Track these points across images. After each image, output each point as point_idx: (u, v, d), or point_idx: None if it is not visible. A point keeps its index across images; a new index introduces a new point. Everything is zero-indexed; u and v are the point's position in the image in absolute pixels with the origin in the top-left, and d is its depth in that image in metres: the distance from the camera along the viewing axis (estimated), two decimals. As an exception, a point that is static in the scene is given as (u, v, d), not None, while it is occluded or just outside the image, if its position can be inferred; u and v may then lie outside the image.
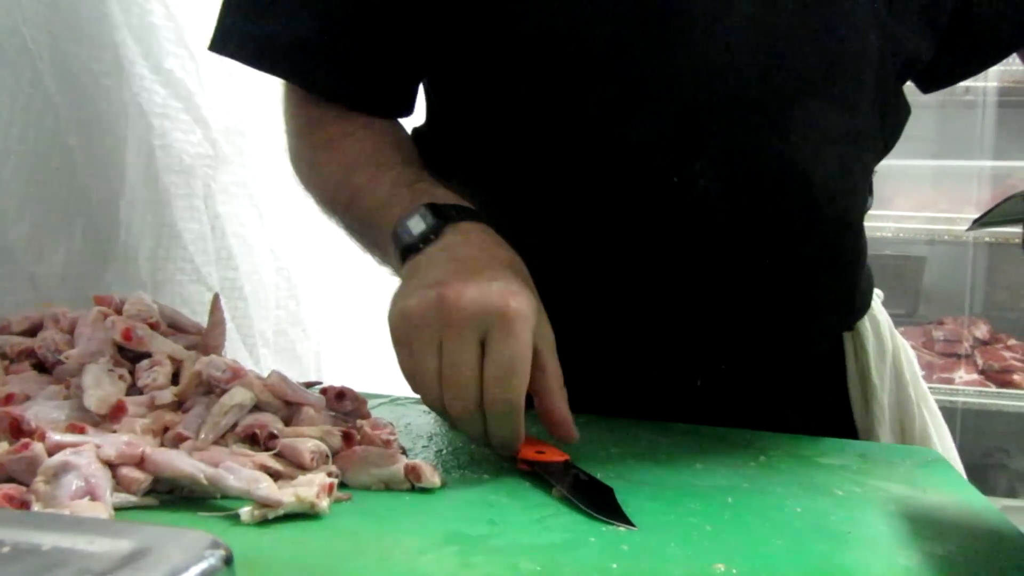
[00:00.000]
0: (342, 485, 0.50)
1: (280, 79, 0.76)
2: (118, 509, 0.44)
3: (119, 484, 0.45)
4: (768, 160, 0.69)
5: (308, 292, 1.13)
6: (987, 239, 2.51)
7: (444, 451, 0.60)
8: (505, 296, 0.52)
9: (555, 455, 0.55)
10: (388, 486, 0.51)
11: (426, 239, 0.59)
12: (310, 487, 0.45)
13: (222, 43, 0.74)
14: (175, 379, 0.56)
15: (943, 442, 0.85)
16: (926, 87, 0.83)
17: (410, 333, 0.54)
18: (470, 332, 0.52)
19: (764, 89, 0.67)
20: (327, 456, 0.51)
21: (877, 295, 0.85)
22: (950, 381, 2.41)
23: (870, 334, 0.81)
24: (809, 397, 0.79)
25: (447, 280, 0.53)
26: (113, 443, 0.46)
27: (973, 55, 0.79)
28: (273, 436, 0.51)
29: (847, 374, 0.81)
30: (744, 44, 0.66)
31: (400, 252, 0.61)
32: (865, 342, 0.80)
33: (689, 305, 0.72)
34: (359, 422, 0.57)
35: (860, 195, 0.77)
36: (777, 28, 0.67)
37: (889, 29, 0.71)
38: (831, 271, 0.77)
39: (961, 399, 2.39)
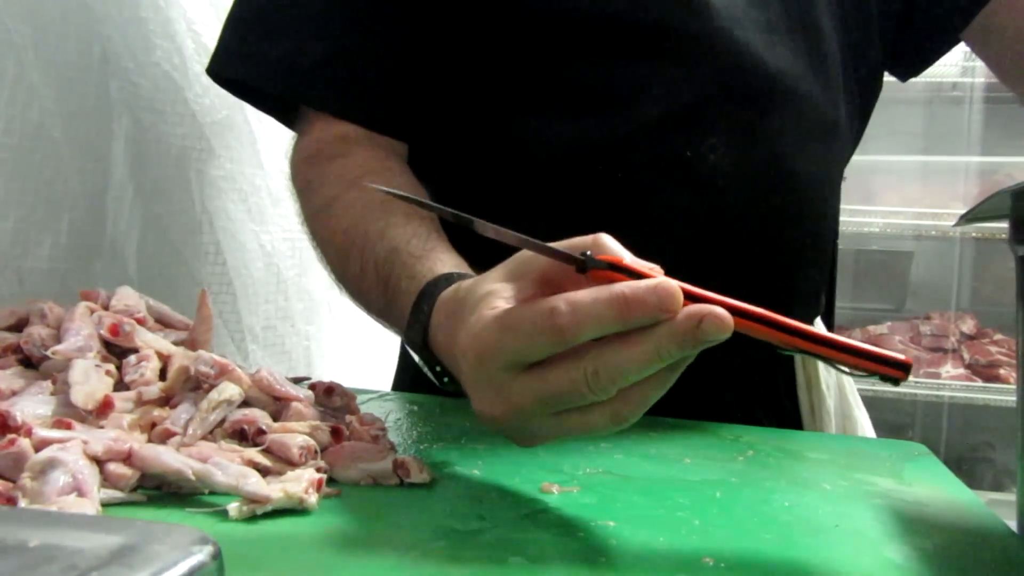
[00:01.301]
0: (331, 481, 0.50)
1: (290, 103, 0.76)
2: (105, 505, 0.44)
3: (106, 480, 0.45)
4: (764, 144, 0.71)
5: (297, 287, 1.12)
6: (974, 234, 2.52)
7: (433, 447, 0.60)
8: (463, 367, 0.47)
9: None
10: (377, 482, 0.51)
11: (433, 370, 0.56)
12: (298, 483, 0.45)
13: (227, 65, 0.74)
14: (163, 375, 0.56)
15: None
16: (903, 76, 0.88)
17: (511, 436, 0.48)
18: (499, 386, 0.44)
19: (763, 73, 0.71)
20: (316, 452, 0.51)
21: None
22: (937, 376, 2.42)
23: None
24: (765, 404, 0.81)
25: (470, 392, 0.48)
26: (100, 439, 0.46)
27: (931, 36, 0.85)
28: (261, 432, 0.51)
29: (796, 383, 0.83)
30: (749, 28, 0.71)
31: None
32: None
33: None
34: (348, 418, 0.57)
35: (836, 187, 0.81)
36: (771, 19, 0.72)
37: (848, 34, 0.78)
38: (813, 258, 0.80)
39: (948, 393, 2.40)
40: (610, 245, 0.44)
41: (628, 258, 0.43)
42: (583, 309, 0.40)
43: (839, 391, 0.85)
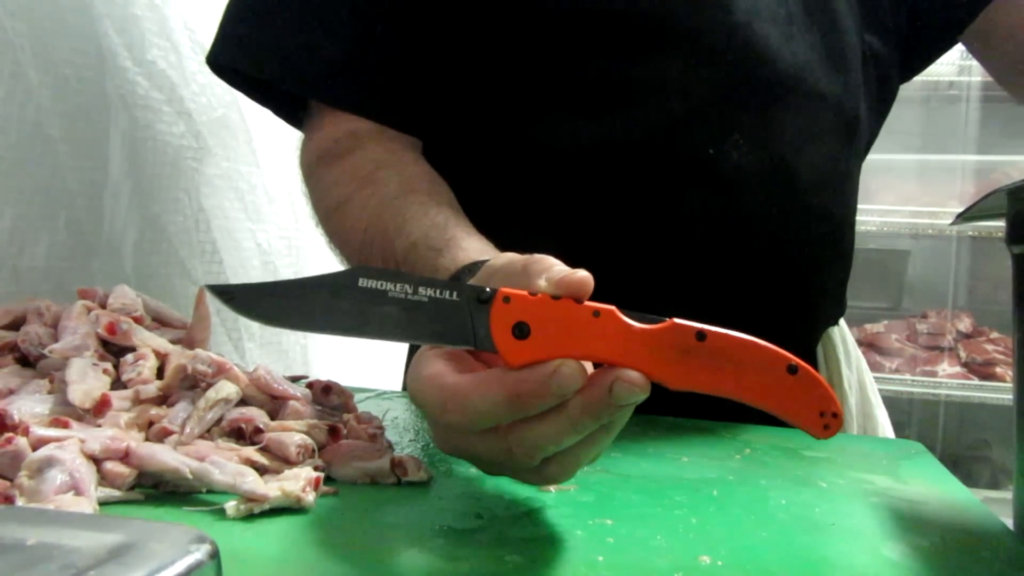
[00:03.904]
0: (328, 479, 0.50)
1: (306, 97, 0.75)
2: (103, 504, 0.44)
3: (104, 479, 0.45)
4: (784, 140, 0.71)
5: (294, 286, 1.12)
6: (970, 233, 2.53)
7: (431, 445, 0.60)
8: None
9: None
10: (374, 480, 0.51)
11: None
12: (296, 481, 0.45)
13: (231, 55, 0.73)
14: (160, 373, 0.56)
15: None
16: (901, 77, 0.88)
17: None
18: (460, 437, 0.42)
19: (783, 68, 0.71)
20: (313, 450, 0.51)
21: None
22: (933, 374, 2.43)
23: (839, 342, 0.85)
24: None
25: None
26: (97, 437, 0.46)
27: (930, 39, 0.85)
28: (259, 430, 0.51)
29: None
30: (768, 22, 0.70)
31: None
32: (836, 350, 0.84)
33: (698, 287, 0.72)
34: (345, 416, 0.57)
35: (856, 183, 0.81)
36: (790, 13, 0.71)
37: (864, 35, 0.78)
38: (835, 255, 0.79)
39: (944, 392, 2.41)
40: (543, 268, 0.40)
41: (557, 269, 0.40)
42: (472, 408, 0.38)
43: (860, 390, 0.85)
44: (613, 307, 0.39)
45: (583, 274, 0.39)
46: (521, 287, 0.39)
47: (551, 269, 0.40)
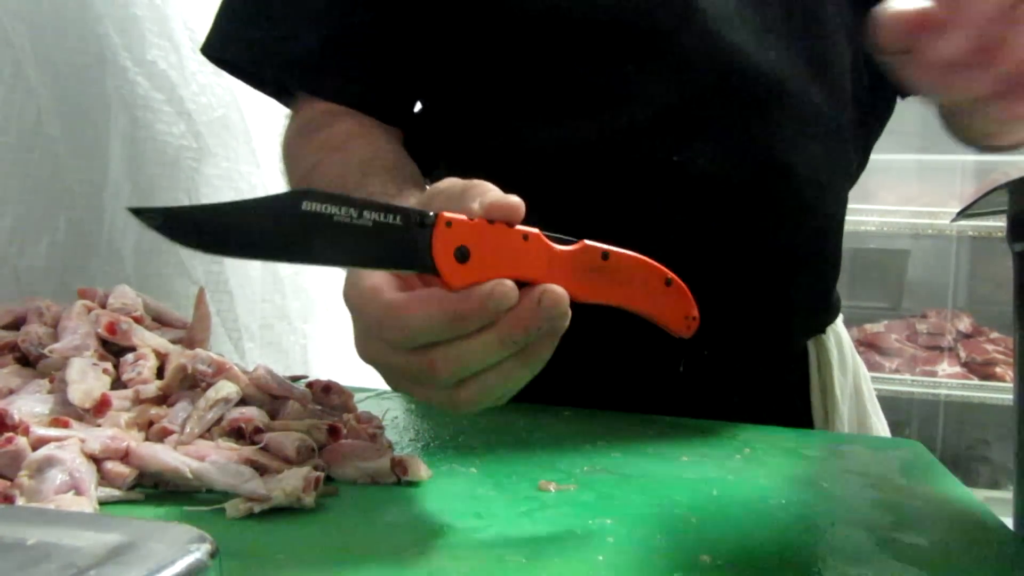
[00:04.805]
0: (328, 479, 0.50)
1: (290, 88, 0.76)
2: (103, 503, 0.44)
3: (104, 478, 0.45)
4: (760, 147, 0.70)
5: (294, 285, 1.12)
6: (970, 233, 2.52)
7: (431, 445, 0.60)
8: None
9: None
10: (374, 480, 0.51)
11: None
12: (296, 481, 0.45)
13: (222, 47, 0.74)
14: (160, 373, 0.56)
15: None
16: (903, 93, 0.86)
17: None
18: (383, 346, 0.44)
19: (757, 76, 0.70)
20: (313, 450, 0.51)
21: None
22: (933, 374, 2.43)
23: (834, 348, 0.83)
24: (773, 405, 0.80)
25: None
26: (98, 437, 0.46)
27: None
28: (259, 430, 0.51)
29: (810, 385, 0.82)
30: (741, 30, 0.69)
31: None
32: (829, 355, 0.82)
33: None
34: (345, 416, 0.57)
35: (842, 192, 0.79)
36: (767, 21, 0.71)
37: (857, 42, 0.76)
38: (814, 264, 0.78)
39: (944, 392, 2.41)
40: (478, 193, 0.42)
41: (491, 195, 0.41)
42: (411, 327, 0.40)
43: (856, 397, 0.84)
44: (538, 230, 0.42)
45: (514, 199, 0.41)
46: (459, 210, 0.41)
47: (485, 194, 0.42)
